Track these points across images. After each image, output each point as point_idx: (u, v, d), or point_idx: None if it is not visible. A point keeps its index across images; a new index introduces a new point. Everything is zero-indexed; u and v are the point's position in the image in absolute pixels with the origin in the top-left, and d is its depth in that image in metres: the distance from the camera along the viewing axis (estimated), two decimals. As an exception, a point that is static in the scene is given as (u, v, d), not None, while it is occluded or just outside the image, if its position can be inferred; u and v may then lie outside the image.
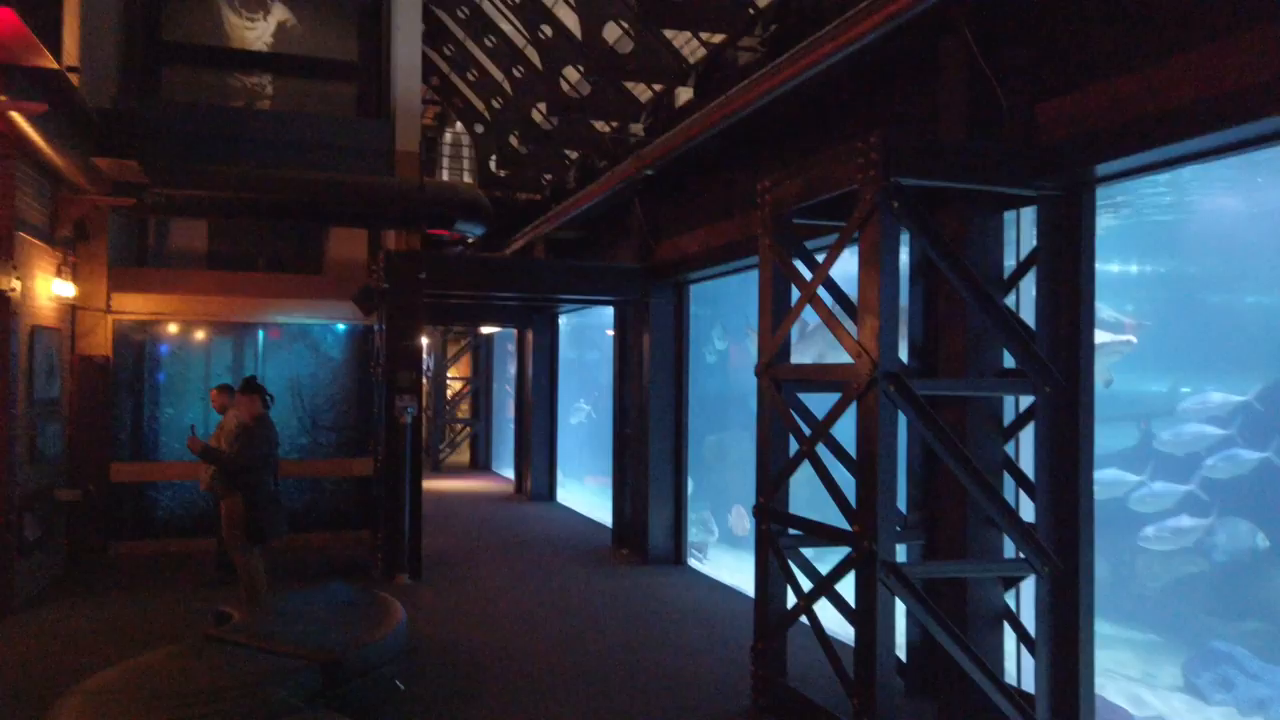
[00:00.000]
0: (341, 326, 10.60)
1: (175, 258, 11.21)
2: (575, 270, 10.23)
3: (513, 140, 14.71)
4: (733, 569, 9.71)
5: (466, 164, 18.27)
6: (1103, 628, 14.25)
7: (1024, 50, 4.62)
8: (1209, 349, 15.82)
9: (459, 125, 18.54)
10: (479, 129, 16.43)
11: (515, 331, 15.38)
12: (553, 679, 5.62)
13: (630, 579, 8.74)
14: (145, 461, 9.87)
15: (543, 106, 12.28)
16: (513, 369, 17.12)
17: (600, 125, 11.03)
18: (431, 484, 14.69)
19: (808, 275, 4.92)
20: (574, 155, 12.31)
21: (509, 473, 17.11)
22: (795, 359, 5.95)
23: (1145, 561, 12.31)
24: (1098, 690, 4.77)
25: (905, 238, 4.93)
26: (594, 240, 12.40)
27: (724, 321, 13.99)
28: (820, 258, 4.87)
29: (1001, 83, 4.62)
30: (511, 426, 16.80)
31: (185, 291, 9.98)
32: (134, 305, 9.74)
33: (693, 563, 9.77)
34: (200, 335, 10.26)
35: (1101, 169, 4.27)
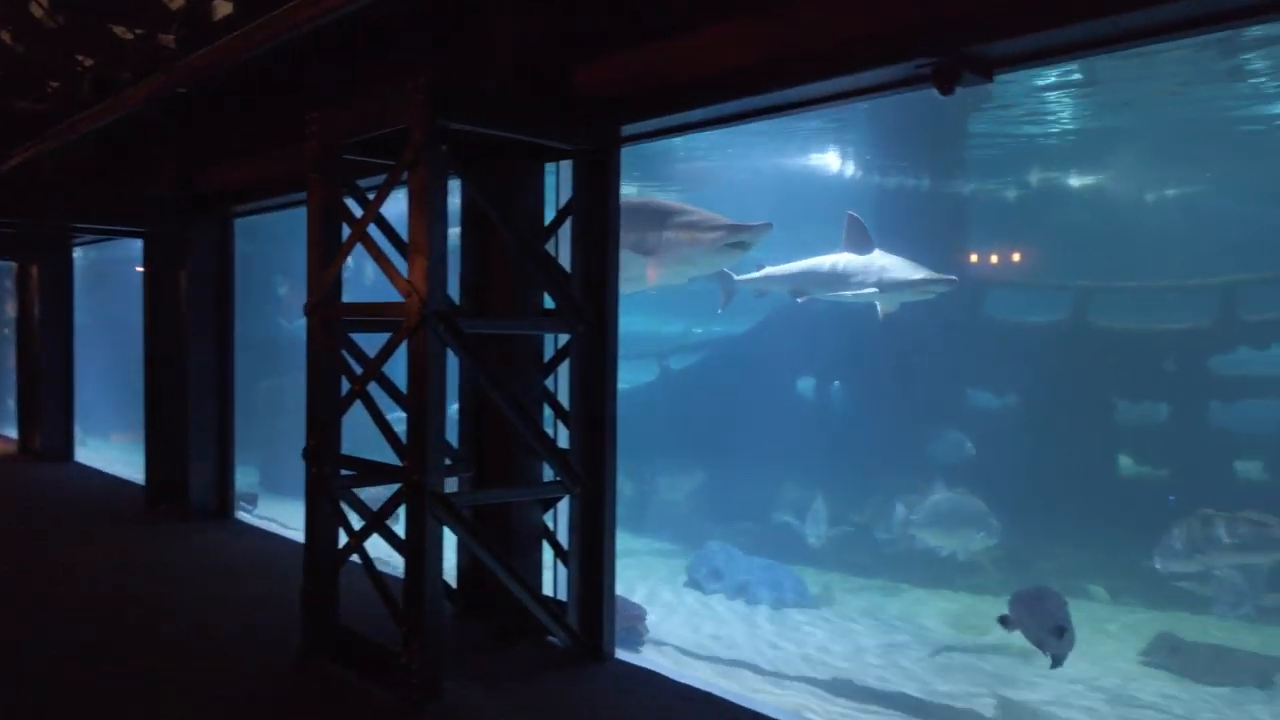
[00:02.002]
0: None
1: None
2: (90, 196, 8.95)
3: (4, 37, 12.34)
4: (290, 518, 9.37)
5: (-58, 59, 14.97)
6: (635, 542, 16.00)
7: (565, 12, 4.94)
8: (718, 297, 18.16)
9: (-71, 9, 15.10)
10: (-42, 17, 13.53)
11: (15, 266, 13.13)
12: (71, 658, 5.03)
13: (170, 539, 8.04)
14: None
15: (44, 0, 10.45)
16: (12, 310, 14.66)
17: (121, 31, 9.68)
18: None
19: (360, 214, 4.85)
20: (89, 63, 10.67)
21: (11, 431, 14.69)
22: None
23: (665, 480, 14.03)
24: (621, 593, 5.43)
25: (461, 183, 5.07)
26: (125, 164, 10.93)
27: (288, 264, 13.26)
28: (374, 197, 4.82)
29: (545, 40, 4.90)
30: (14, 377, 14.42)
31: None
32: None
33: (243, 515, 9.23)
34: None
35: (627, 129, 4.75)
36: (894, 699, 9.24)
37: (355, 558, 4.73)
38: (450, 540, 4.51)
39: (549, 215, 5.19)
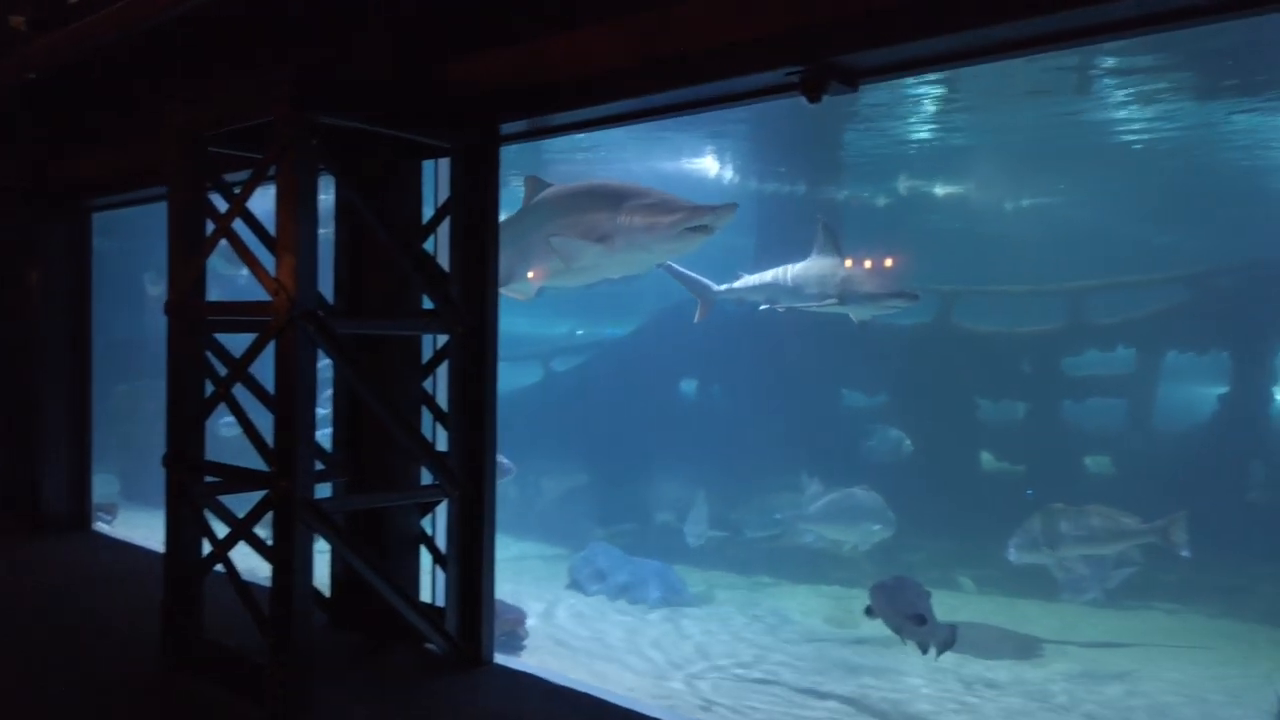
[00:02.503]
0: None
1: None
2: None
3: None
4: (153, 529, 8.91)
5: None
6: (518, 544, 15.85)
7: (444, 6, 4.86)
8: (605, 299, 18.28)
9: None
10: None
11: None
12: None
13: (18, 553, 7.53)
14: None
15: None
16: None
17: (-38, 11, 9.02)
18: None
19: (226, 209, 4.67)
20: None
21: None
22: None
23: (548, 482, 13.99)
24: (502, 596, 5.38)
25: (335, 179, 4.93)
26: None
27: (160, 261, 12.70)
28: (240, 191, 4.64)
29: (423, 33, 4.82)
30: None
31: None
32: None
33: (101, 527, 8.73)
34: None
35: (506, 127, 4.72)
36: (770, 691, 9.46)
37: (221, 568, 4.55)
38: (325, 547, 4.39)
39: (429, 213, 5.12)
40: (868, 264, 10.76)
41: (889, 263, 11.14)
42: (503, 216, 5.56)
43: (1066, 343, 14.29)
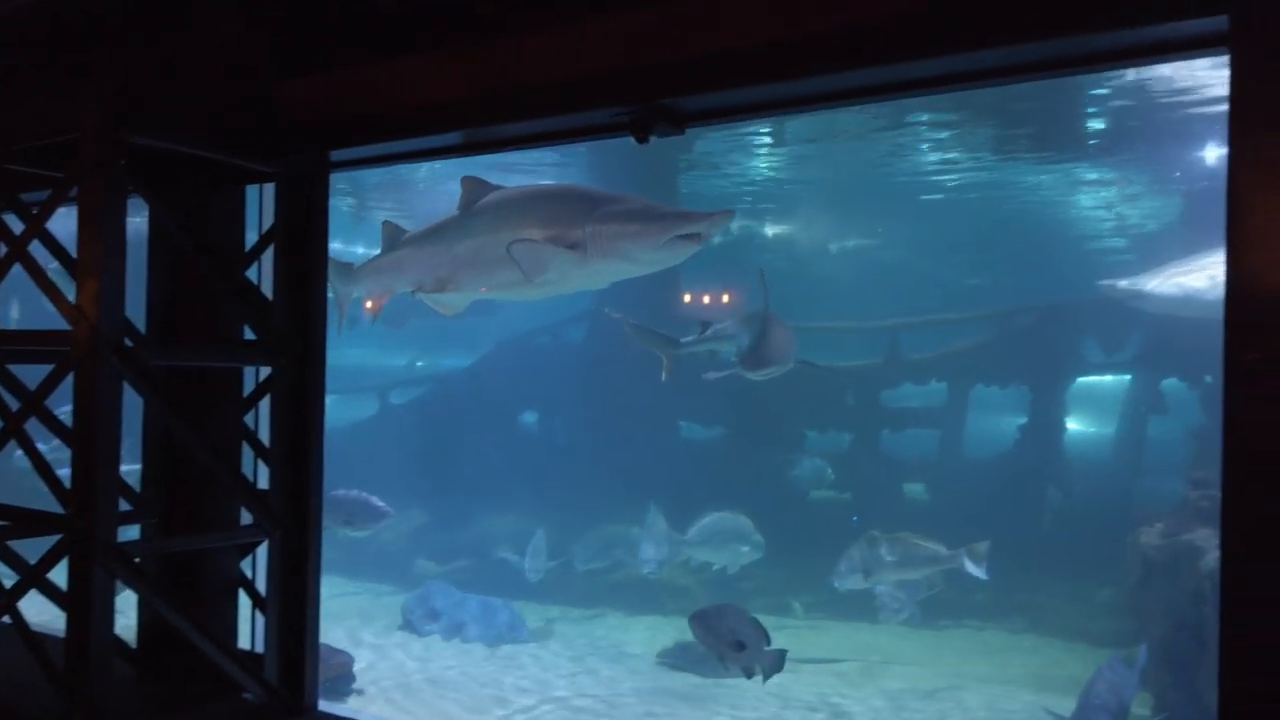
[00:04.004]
0: None
1: None
2: None
3: None
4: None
5: None
6: (349, 585, 15.23)
7: (276, 26, 4.69)
8: (444, 331, 17.99)
9: None
10: None
11: None
12: None
13: None
14: None
15: None
16: None
17: None
18: None
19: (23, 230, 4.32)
20: None
21: None
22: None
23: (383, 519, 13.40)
24: (329, 640, 5.15)
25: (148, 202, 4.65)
26: None
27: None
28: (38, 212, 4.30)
29: (251, 53, 4.63)
30: None
31: None
32: None
33: None
34: None
35: (337, 154, 4.59)
36: (607, 723, 9.47)
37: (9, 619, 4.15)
38: (126, 593, 4.08)
39: (252, 239, 4.90)
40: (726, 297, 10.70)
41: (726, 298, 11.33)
42: (336, 244, 5.35)
43: (885, 377, 15.15)
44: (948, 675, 11.09)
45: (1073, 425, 15.39)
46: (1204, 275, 10.20)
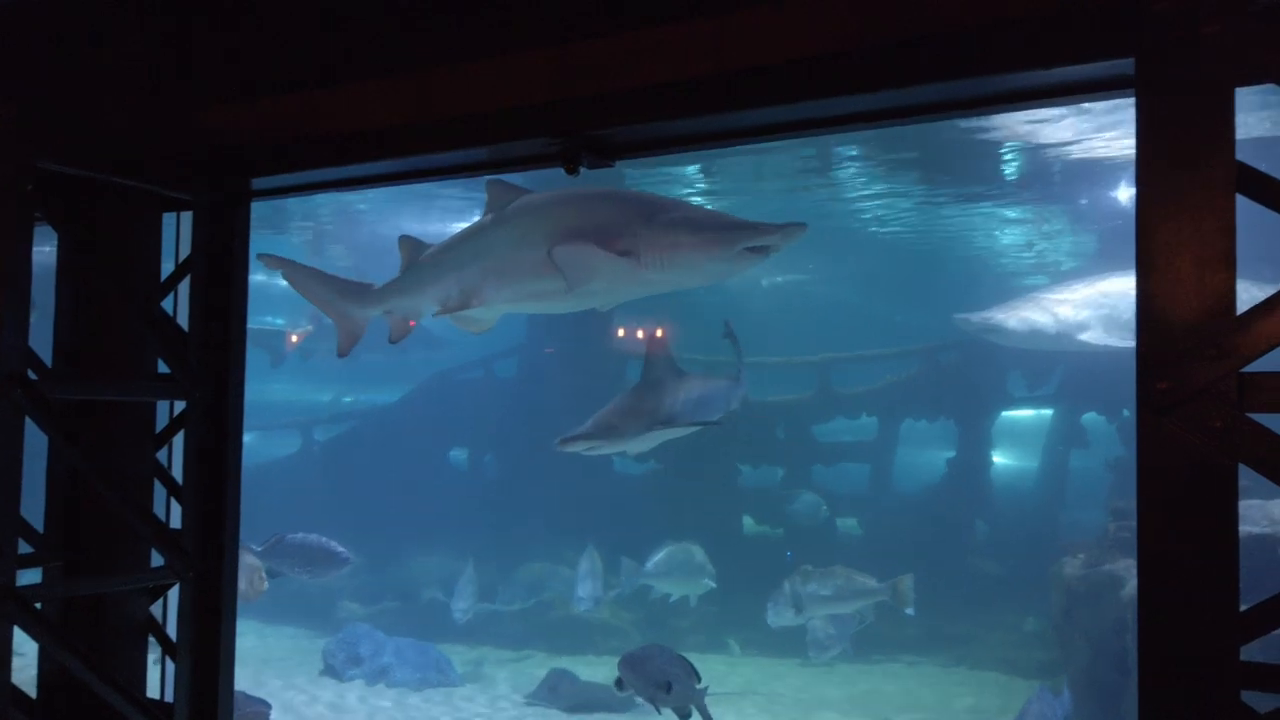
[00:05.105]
0: None
1: None
2: None
3: None
4: None
5: None
6: (268, 629, 14.70)
7: (197, 50, 4.57)
8: (370, 365, 17.65)
9: None
10: None
11: None
12: None
13: None
14: None
15: None
16: None
17: None
18: None
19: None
20: None
21: None
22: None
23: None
24: (245, 688, 4.94)
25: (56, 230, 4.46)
26: None
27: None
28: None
29: (170, 77, 4.51)
30: None
31: None
32: None
33: None
34: None
35: (259, 182, 4.48)
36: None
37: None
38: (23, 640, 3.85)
39: (169, 268, 4.74)
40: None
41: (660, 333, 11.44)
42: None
43: (817, 411, 15.29)
44: (882, 710, 11.12)
45: (998, 459, 15.72)
46: (1046, 311, 10.42)
